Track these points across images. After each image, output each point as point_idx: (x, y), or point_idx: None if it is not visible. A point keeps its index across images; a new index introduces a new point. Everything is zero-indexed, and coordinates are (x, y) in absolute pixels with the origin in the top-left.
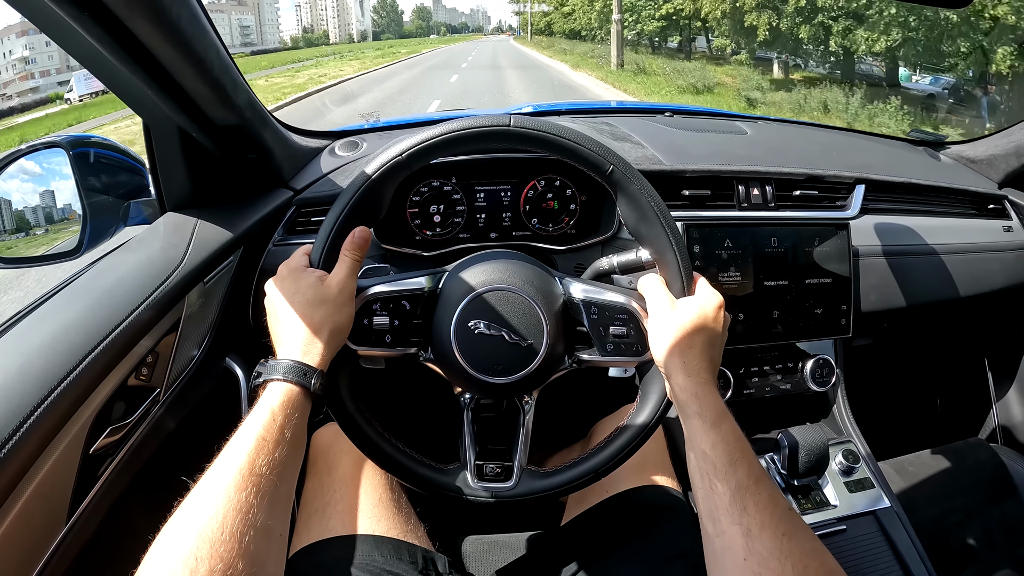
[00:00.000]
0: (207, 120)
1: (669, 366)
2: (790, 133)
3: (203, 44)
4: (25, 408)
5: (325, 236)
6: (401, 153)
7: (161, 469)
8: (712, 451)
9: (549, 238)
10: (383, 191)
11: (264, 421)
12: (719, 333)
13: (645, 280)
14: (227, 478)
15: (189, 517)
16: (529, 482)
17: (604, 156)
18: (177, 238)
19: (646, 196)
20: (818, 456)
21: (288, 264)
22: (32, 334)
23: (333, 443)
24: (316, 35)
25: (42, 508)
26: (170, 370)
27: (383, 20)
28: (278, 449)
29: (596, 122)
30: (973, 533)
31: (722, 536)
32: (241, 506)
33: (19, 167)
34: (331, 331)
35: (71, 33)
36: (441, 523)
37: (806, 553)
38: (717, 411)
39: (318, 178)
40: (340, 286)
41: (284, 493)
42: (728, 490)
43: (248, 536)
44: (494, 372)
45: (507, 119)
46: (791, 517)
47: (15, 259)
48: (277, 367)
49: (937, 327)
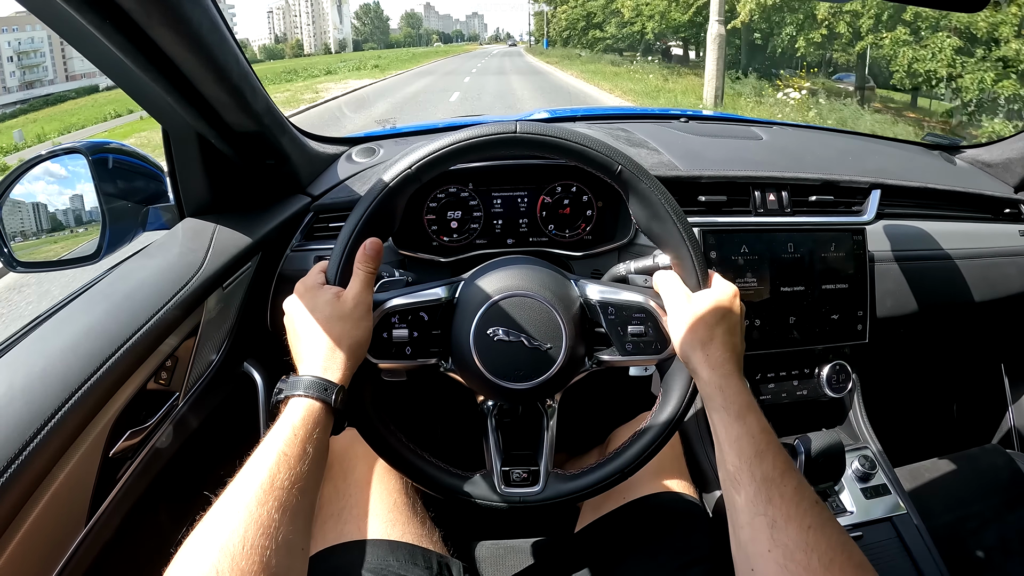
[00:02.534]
0: (226, 126)
1: (692, 360)
2: (805, 138)
3: (223, 51)
4: (47, 411)
5: (340, 252)
6: (411, 166)
7: (180, 472)
8: (737, 443)
9: (566, 244)
10: (395, 204)
11: (286, 437)
12: (737, 321)
13: (660, 277)
14: (248, 493)
15: (211, 531)
16: (556, 485)
17: (611, 156)
18: (196, 243)
19: (656, 193)
20: (835, 462)
21: (304, 282)
22: (53, 337)
23: (349, 448)
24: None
25: (62, 510)
26: (189, 374)
27: (366, 28)
28: (300, 464)
29: (612, 128)
30: (990, 540)
31: (747, 527)
32: (263, 521)
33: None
34: (350, 346)
35: (93, 41)
36: (456, 528)
37: (833, 546)
38: (742, 403)
39: (336, 184)
40: (356, 300)
41: (306, 508)
42: (754, 482)
43: (269, 551)
44: (515, 378)
45: (513, 126)
46: (818, 510)
47: (35, 263)
48: (298, 383)
49: (953, 332)
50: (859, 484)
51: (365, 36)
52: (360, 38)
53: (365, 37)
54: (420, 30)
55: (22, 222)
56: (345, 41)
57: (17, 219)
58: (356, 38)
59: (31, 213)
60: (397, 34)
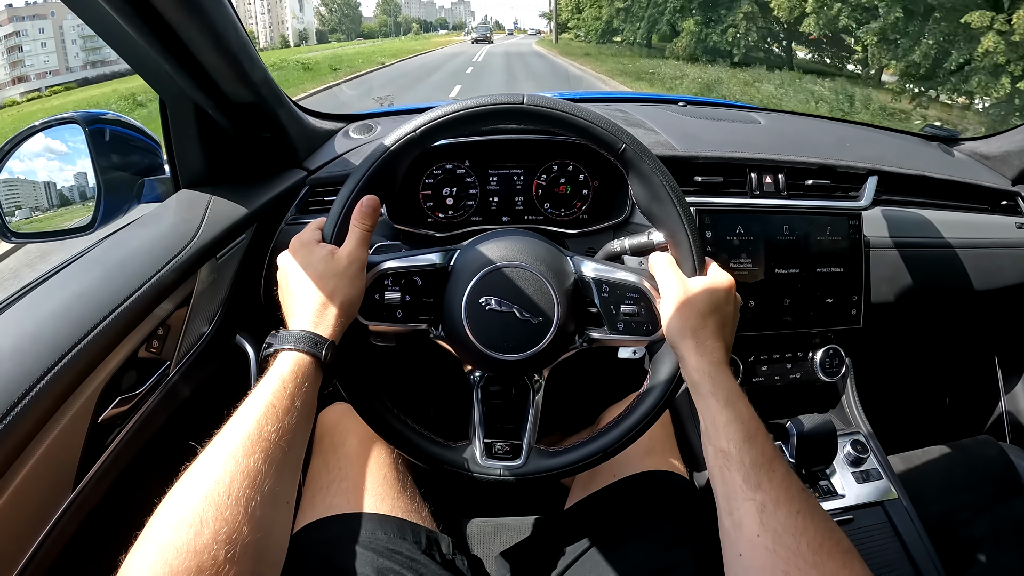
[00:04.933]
0: (223, 97)
1: (682, 346)
2: (803, 124)
3: (221, 19)
4: (35, 373)
5: (338, 211)
6: (415, 129)
7: (169, 442)
8: (726, 429)
9: (561, 222)
10: (396, 168)
11: (274, 388)
12: (731, 314)
13: (656, 259)
14: (235, 443)
15: (196, 480)
16: (538, 461)
17: (616, 135)
18: (191, 214)
19: (658, 175)
20: (826, 444)
21: (300, 237)
22: (45, 302)
23: (339, 422)
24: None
25: (49, 474)
26: (180, 344)
27: (333, 16)
28: (287, 417)
29: (610, 109)
30: (980, 530)
31: (736, 512)
32: (248, 471)
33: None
34: (342, 303)
35: (94, 6)
36: (446, 504)
37: (821, 532)
38: (731, 390)
39: (332, 159)
40: (350, 258)
41: (292, 460)
42: (743, 467)
43: (255, 501)
44: (504, 349)
45: (520, 97)
46: (805, 496)
47: (29, 234)
48: (288, 337)
49: (947, 322)
50: (851, 468)
51: (332, 25)
52: (326, 28)
53: (332, 27)
54: (398, 18)
55: (17, 193)
56: (307, 32)
57: (12, 190)
58: (321, 28)
59: (27, 183)
60: (371, 23)
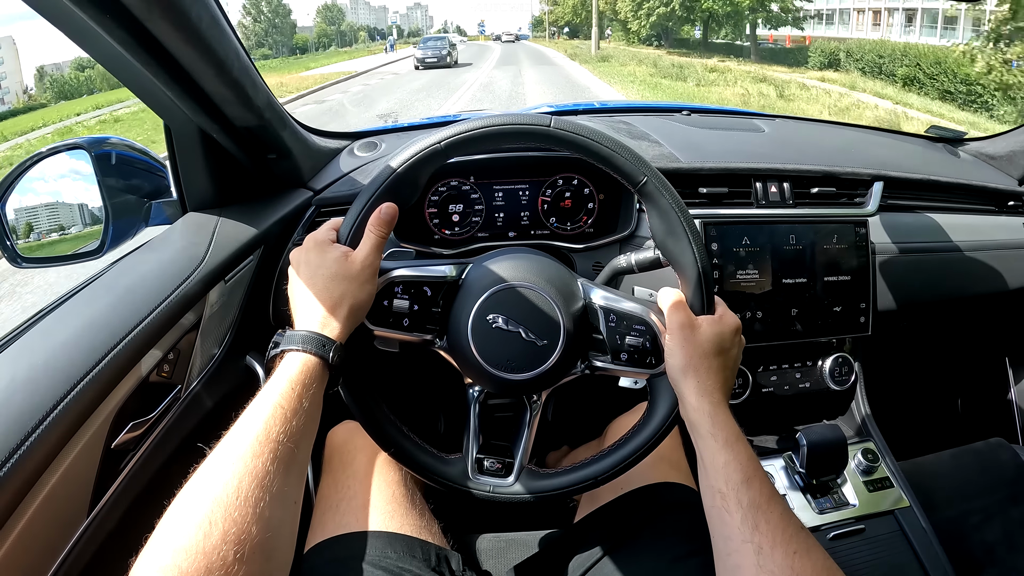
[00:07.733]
0: (227, 121)
1: (683, 384)
2: (807, 131)
3: (223, 46)
4: (48, 403)
5: (356, 213)
6: (440, 141)
7: (181, 465)
8: (724, 470)
9: (567, 237)
10: (417, 176)
11: (282, 390)
12: (735, 356)
13: (665, 294)
14: (243, 445)
15: (204, 482)
16: (528, 481)
17: (639, 167)
18: (198, 237)
19: (676, 210)
20: (836, 455)
21: (314, 236)
22: (56, 330)
23: (348, 440)
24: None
25: (64, 501)
26: (191, 368)
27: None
28: (295, 418)
29: (614, 121)
30: (994, 535)
31: (734, 555)
32: (257, 472)
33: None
34: (351, 306)
35: (93, 36)
36: (456, 521)
37: (818, 571)
38: (730, 431)
39: (337, 178)
40: (364, 263)
41: (300, 461)
42: (740, 509)
43: (263, 502)
44: (506, 368)
45: (548, 119)
46: (803, 536)
47: (39, 259)
48: (295, 337)
49: (957, 325)
50: (862, 477)
51: (259, 39)
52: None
53: (258, 40)
54: (341, 26)
55: (25, 219)
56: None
57: (21, 215)
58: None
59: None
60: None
